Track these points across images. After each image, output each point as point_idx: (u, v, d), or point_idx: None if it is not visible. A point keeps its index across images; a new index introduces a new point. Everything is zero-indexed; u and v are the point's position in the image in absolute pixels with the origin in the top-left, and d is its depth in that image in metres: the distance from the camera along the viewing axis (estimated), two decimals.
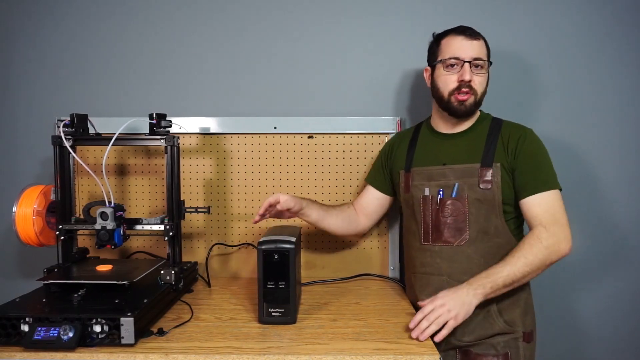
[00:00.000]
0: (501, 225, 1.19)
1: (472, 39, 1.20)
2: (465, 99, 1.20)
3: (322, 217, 1.34)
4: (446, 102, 1.22)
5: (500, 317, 1.18)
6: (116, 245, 1.22)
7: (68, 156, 1.30)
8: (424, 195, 1.25)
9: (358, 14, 1.55)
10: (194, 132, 1.53)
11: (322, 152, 1.54)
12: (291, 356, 0.94)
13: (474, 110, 1.23)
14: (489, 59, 1.23)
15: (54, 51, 1.57)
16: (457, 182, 1.21)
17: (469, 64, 1.18)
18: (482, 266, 1.17)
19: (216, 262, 1.56)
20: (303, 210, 1.29)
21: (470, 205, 1.19)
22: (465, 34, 1.20)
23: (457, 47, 1.20)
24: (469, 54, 1.19)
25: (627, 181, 1.53)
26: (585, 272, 1.56)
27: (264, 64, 1.56)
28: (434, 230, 1.22)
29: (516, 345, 1.18)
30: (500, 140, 1.21)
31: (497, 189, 1.17)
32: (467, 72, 1.18)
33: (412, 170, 1.29)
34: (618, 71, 1.52)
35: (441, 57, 1.23)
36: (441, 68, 1.23)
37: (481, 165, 1.19)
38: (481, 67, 1.21)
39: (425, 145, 1.31)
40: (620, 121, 1.53)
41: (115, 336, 0.97)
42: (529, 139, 1.20)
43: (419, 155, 1.30)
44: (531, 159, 1.18)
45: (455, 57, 1.19)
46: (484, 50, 1.21)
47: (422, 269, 1.25)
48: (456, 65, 1.20)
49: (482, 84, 1.21)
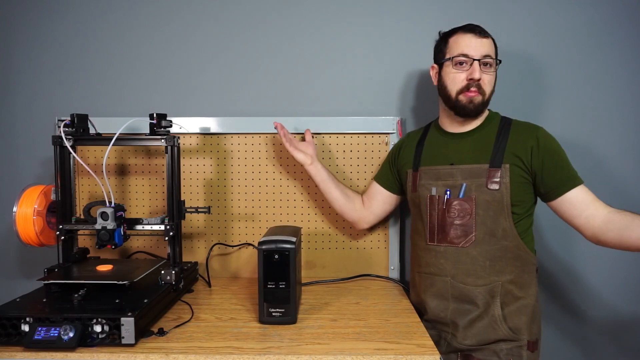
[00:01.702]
0: (509, 227, 1.16)
1: (481, 37, 1.18)
2: (474, 96, 1.18)
3: (328, 180, 1.40)
4: (454, 101, 1.21)
5: (505, 324, 1.16)
6: (116, 245, 1.22)
7: (68, 156, 1.30)
8: (431, 194, 1.24)
9: (359, 14, 1.55)
10: (194, 132, 1.53)
11: (322, 152, 1.54)
12: (291, 356, 0.94)
13: (481, 110, 1.21)
14: (497, 58, 1.22)
15: (54, 51, 1.57)
16: (464, 183, 1.19)
17: (479, 62, 1.17)
18: (488, 269, 1.16)
19: (216, 262, 1.56)
20: (314, 163, 1.39)
21: (478, 206, 1.17)
22: (474, 32, 1.19)
23: (467, 45, 1.18)
24: (479, 52, 1.17)
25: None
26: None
27: (265, 64, 1.56)
28: (439, 230, 1.22)
29: (519, 354, 1.15)
30: (510, 140, 1.19)
31: (506, 190, 1.15)
32: (476, 70, 1.16)
33: (420, 170, 1.28)
34: (628, 67, 1.50)
35: (450, 55, 1.21)
36: (450, 66, 1.21)
37: (490, 166, 1.17)
38: (490, 65, 1.19)
39: (433, 144, 1.30)
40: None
41: (115, 336, 0.97)
42: (547, 138, 1.18)
43: (427, 155, 1.30)
44: (556, 156, 1.16)
45: (465, 54, 1.18)
46: (492, 48, 1.20)
47: (426, 269, 1.25)
48: (465, 64, 1.18)
49: (490, 83, 1.20)
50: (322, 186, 1.42)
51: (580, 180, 1.16)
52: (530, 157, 1.16)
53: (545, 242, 1.55)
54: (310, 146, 1.42)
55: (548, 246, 1.55)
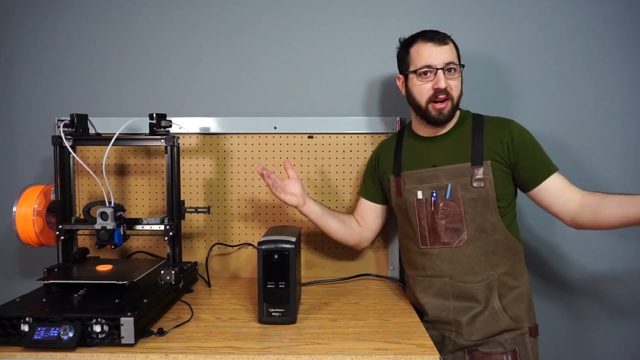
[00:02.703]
0: (497, 221, 1.19)
1: (441, 44, 1.18)
2: (443, 107, 1.19)
3: (323, 214, 1.35)
4: (424, 111, 1.21)
5: (506, 314, 1.17)
6: (116, 245, 1.22)
7: (68, 156, 1.30)
8: (417, 198, 1.24)
9: (358, 14, 1.55)
10: (194, 132, 1.53)
11: (322, 152, 1.54)
12: (291, 356, 0.94)
13: (452, 116, 1.22)
14: (460, 62, 1.22)
15: (53, 51, 1.57)
16: (449, 183, 1.20)
17: (442, 71, 1.17)
18: (484, 264, 1.18)
19: (216, 262, 1.56)
20: (307, 203, 1.32)
21: (466, 204, 1.19)
22: (433, 40, 1.18)
23: (428, 55, 1.17)
24: (441, 60, 1.17)
25: (628, 180, 1.53)
26: (585, 272, 1.56)
27: (264, 64, 1.56)
28: (431, 232, 1.22)
29: (523, 341, 1.18)
30: (486, 137, 1.21)
31: (490, 186, 1.17)
32: (441, 79, 1.17)
33: (403, 175, 1.28)
34: (618, 69, 1.52)
35: (413, 67, 1.20)
36: (414, 78, 1.21)
37: (472, 164, 1.19)
38: (454, 70, 1.19)
39: (412, 148, 1.30)
40: (620, 120, 1.52)
41: (115, 336, 0.97)
42: (520, 131, 1.20)
43: (408, 159, 1.29)
44: (530, 148, 1.19)
45: (427, 65, 1.17)
46: (454, 53, 1.20)
47: (422, 272, 1.25)
48: (429, 73, 1.18)
49: (457, 88, 1.20)
50: (319, 222, 1.35)
51: (554, 168, 1.19)
52: (507, 151, 1.18)
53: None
54: (297, 184, 1.33)
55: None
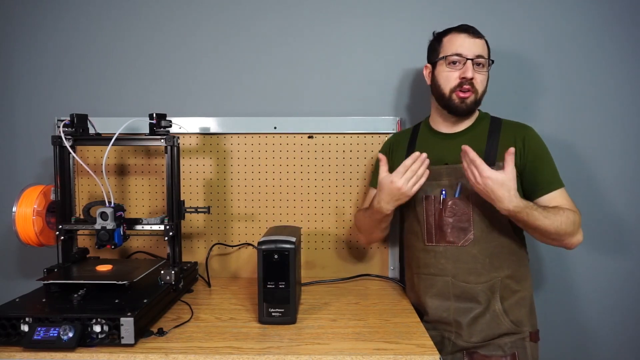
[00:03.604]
0: (505, 224, 1.19)
1: (475, 37, 1.21)
2: (467, 96, 1.20)
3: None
4: (447, 100, 1.23)
5: (507, 317, 1.17)
6: (116, 245, 1.22)
7: (68, 156, 1.30)
8: (426, 195, 1.24)
9: (358, 14, 1.55)
10: (194, 132, 1.53)
11: (322, 152, 1.54)
12: (291, 356, 0.94)
13: (474, 109, 1.24)
14: (490, 59, 1.24)
15: (53, 51, 1.57)
16: (460, 182, 1.20)
17: (472, 62, 1.19)
18: (488, 266, 1.17)
19: (216, 262, 1.56)
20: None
21: (475, 204, 1.18)
22: (468, 32, 1.21)
23: (460, 44, 1.20)
24: (472, 52, 1.19)
25: (628, 180, 1.53)
26: (586, 270, 1.56)
27: (264, 64, 1.56)
28: (437, 230, 1.22)
29: (523, 346, 1.17)
30: (502, 139, 1.21)
31: None
32: (469, 69, 1.19)
33: None
34: (618, 70, 1.52)
35: (443, 54, 1.23)
36: (443, 65, 1.23)
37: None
38: (483, 65, 1.21)
39: (426, 144, 1.31)
40: (620, 120, 1.52)
41: (115, 336, 0.97)
42: (534, 139, 1.21)
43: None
44: (540, 158, 1.19)
45: (458, 53, 1.20)
46: (485, 49, 1.22)
47: (426, 270, 1.25)
48: (458, 63, 1.21)
49: (483, 83, 1.22)
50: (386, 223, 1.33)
51: (558, 185, 1.18)
52: (518, 156, 1.18)
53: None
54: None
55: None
